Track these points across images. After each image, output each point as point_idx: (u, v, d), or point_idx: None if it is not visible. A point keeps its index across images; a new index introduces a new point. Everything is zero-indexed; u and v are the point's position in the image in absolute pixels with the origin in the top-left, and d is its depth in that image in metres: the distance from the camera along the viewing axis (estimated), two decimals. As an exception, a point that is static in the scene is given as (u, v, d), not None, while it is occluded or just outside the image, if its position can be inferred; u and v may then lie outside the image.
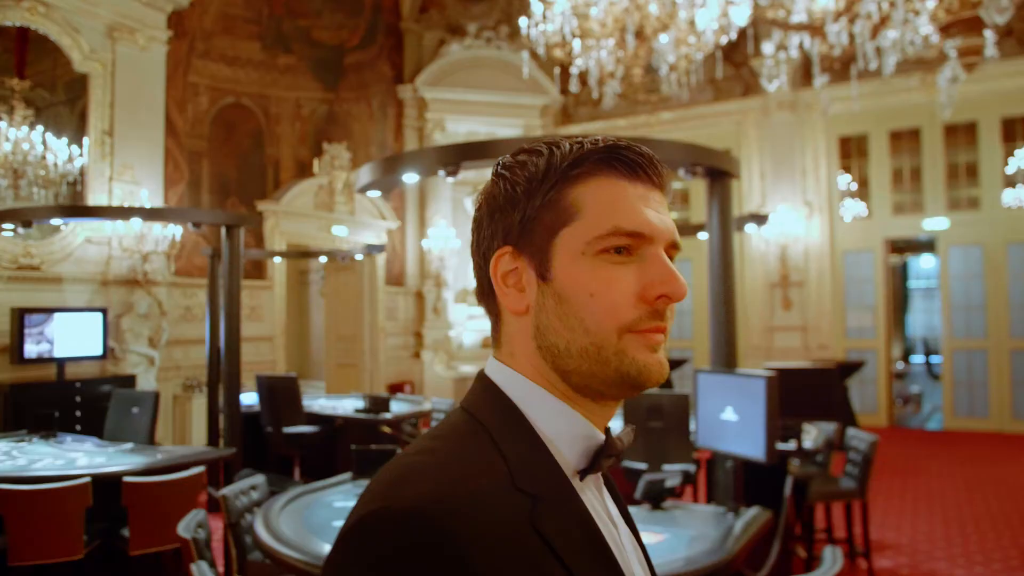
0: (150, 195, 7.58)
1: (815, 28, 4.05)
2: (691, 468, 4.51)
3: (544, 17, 6.25)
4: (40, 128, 7.19)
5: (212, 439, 6.24)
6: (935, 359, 13.88)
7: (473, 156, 2.69)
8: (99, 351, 6.78)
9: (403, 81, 11.17)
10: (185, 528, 2.73)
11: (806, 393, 4.08)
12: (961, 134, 9.34)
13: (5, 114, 7.31)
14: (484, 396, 0.70)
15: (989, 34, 3.81)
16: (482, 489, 0.60)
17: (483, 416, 0.68)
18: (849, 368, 8.27)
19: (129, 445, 4.55)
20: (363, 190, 3.12)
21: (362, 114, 10.47)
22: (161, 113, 7.84)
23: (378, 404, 5.77)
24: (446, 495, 0.58)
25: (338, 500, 3.17)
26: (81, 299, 7.03)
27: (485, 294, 0.73)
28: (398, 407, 6.18)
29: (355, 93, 10.38)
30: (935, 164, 9.45)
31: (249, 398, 6.30)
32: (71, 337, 6.58)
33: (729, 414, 2.85)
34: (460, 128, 11.22)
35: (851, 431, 4.75)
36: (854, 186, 10.06)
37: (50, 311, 6.43)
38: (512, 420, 0.68)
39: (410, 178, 2.78)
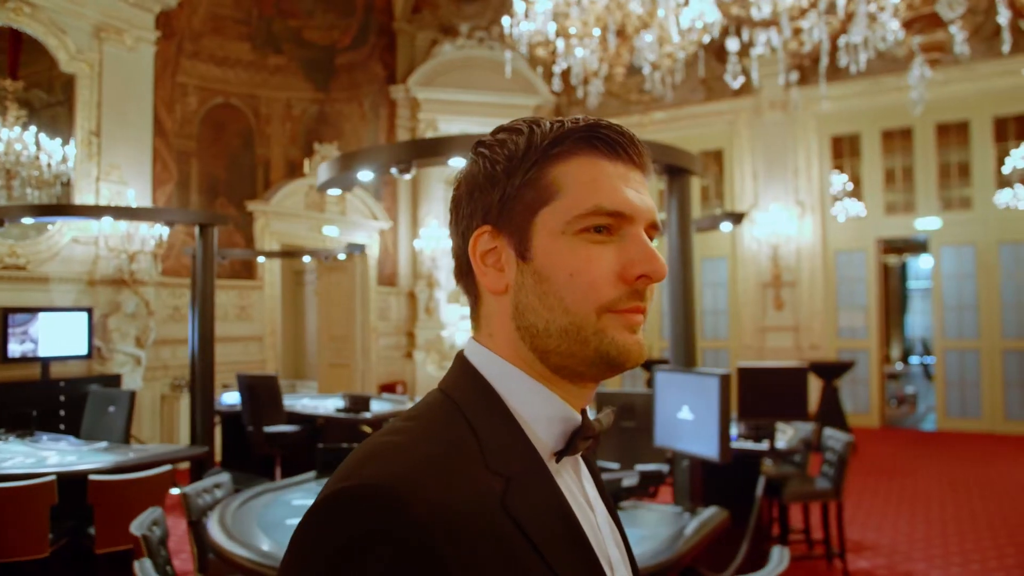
0: (137, 195, 7.59)
1: (780, 24, 4.04)
2: (664, 468, 4.50)
3: (526, 15, 6.24)
4: (33, 128, 7.22)
5: (195, 438, 6.24)
6: (931, 359, 13.79)
7: (426, 154, 2.68)
8: (84, 351, 6.80)
9: (396, 81, 11.17)
10: (138, 526, 2.73)
11: (777, 393, 4.05)
12: (953, 133, 9.29)
13: (-2, 115, 7.35)
14: (461, 377, 0.70)
15: (957, 31, 3.79)
16: (452, 469, 0.59)
17: (458, 397, 0.67)
18: (838, 369, 8.24)
19: (103, 444, 4.55)
20: (323, 188, 3.11)
21: (353, 114, 10.48)
22: (149, 113, 7.86)
23: (358, 404, 5.77)
24: (414, 474, 0.57)
25: (297, 498, 3.16)
26: (68, 299, 7.05)
27: (464, 274, 0.73)
28: (380, 406, 6.18)
29: (347, 93, 10.39)
30: (927, 163, 9.41)
31: (233, 397, 6.31)
32: (56, 337, 6.60)
33: (685, 413, 2.83)
34: (453, 128, 11.20)
35: (827, 431, 4.73)
36: (850, 186, 10.02)
37: (34, 311, 6.45)
38: (487, 401, 0.67)
39: (365, 176, 2.78)
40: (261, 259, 8.36)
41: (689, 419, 2.80)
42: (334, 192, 3.26)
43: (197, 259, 4.37)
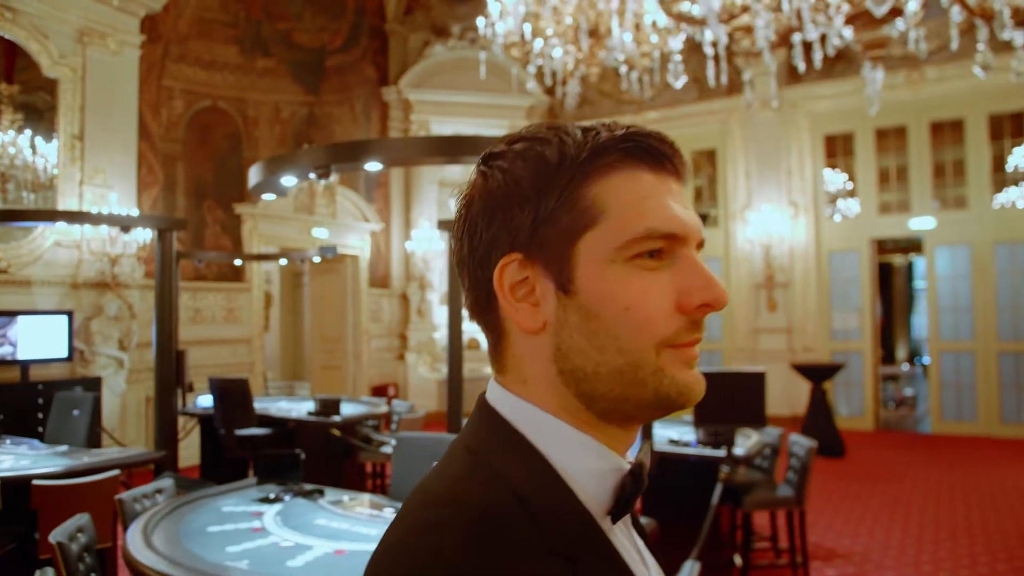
0: (123, 199, 7.63)
1: (724, 21, 3.96)
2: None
3: (500, 15, 6.20)
4: (28, 132, 7.29)
5: (171, 441, 6.25)
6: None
7: (344, 159, 2.65)
8: (64, 353, 6.83)
9: (388, 83, 11.17)
10: (59, 533, 2.71)
11: (734, 399, 3.98)
12: (948, 131, 9.13)
13: (-7, 119, 7.42)
14: (493, 434, 0.61)
15: (913, 29, 3.69)
16: (514, 562, 0.51)
17: (496, 461, 0.58)
18: (826, 371, 8.12)
19: (64, 448, 4.56)
20: (254, 192, 3.09)
21: (344, 116, 10.49)
22: (134, 117, 7.89)
23: (328, 407, 5.76)
24: None
25: (228, 505, 3.14)
26: (51, 302, 7.09)
27: (483, 309, 0.63)
28: (352, 409, 6.17)
29: (337, 96, 10.39)
30: (922, 162, 9.25)
31: (210, 400, 6.31)
32: (36, 340, 6.64)
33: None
34: (446, 129, 11.18)
35: (793, 436, 4.64)
36: (850, 185, 9.87)
37: (12, 314, 6.49)
38: (531, 463, 0.58)
39: (288, 181, 2.75)
40: (237, 262, 8.37)
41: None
42: (265, 197, 3.23)
43: (155, 263, 4.38)
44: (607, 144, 0.60)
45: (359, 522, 2.87)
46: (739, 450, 4.18)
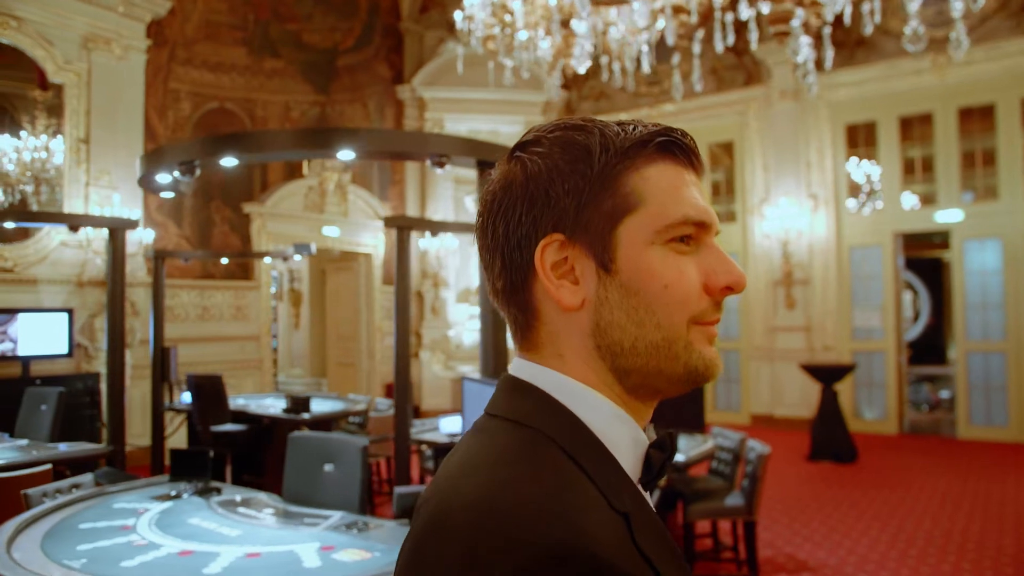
0: (129, 200, 7.83)
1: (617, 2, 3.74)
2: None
3: (477, 8, 6.10)
4: (60, 137, 7.57)
5: (156, 437, 6.39)
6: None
7: (207, 153, 2.60)
8: (64, 350, 7.06)
9: (404, 81, 11.19)
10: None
11: (670, 403, 3.78)
12: (977, 118, 8.56)
13: (28, 123, 7.75)
14: (538, 407, 0.63)
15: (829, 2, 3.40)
16: (593, 513, 0.56)
17: (551, 431, 0.61)
18: (837, 371, 7.72)
19: (24, 442, 4.69)
20: (140, 185, 3.08)
21: (356, 115, 10.55)
22: (140, 119, 8.10)
23: (298, 405, 5.78)
24: (582, 529, 0.53)
25: (122, 502, 3.14)
26: (58, 300, 7.35)
27: (516, 289, 0.67)
28: (326, 406, 6.19)
29: (349, 95, 10.46)
30: (949, 151, 8.70)
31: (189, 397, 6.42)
32: (36, 336, 6.88)
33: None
34: (461, 127, 11.13)
35: (750, 442, 4.40)
36: (876, 177, 9.38)
37: (13, 311, 6.74)
38: (580, 433, 0.62)
39: (163, 179, 2.73)
40: (224, 260, 8.50)
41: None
42: (168, 194, 3.22)
43: (107, 263, 4.46)
44: (645, 138, 0.65)
45: (229, 523, 2.82)
46: (680, 456, 3.98)
